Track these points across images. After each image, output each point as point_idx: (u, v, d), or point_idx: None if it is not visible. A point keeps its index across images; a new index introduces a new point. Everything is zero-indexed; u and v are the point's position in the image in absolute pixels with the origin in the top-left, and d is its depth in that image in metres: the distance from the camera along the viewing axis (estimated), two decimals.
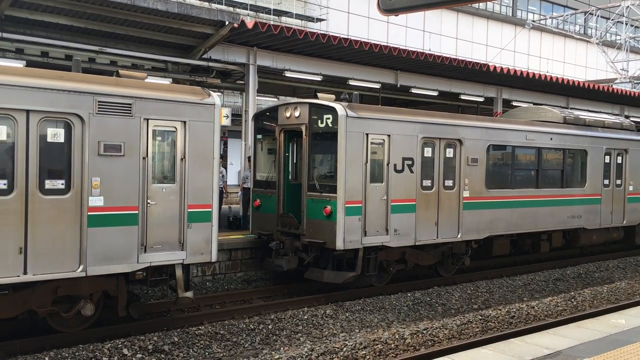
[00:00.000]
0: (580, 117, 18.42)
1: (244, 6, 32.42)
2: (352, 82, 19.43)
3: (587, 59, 55.00)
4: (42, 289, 8.93)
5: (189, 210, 9.93)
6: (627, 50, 37.35)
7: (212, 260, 10.41)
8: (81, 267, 8.88)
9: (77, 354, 8.77)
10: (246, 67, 17.01)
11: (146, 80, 10.12)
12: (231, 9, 30.77)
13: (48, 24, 13.49)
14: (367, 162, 12.47)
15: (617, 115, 25.77)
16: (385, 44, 18.38)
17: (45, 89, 8.55)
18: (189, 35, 15.09)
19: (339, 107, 12.26)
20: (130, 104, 9.29)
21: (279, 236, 13.06)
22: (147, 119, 9.50)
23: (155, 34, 14.74)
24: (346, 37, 18.24)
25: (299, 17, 34.65)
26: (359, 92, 14.73)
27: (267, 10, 33.47)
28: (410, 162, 13.20)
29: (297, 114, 12.98)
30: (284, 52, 17.45)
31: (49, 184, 8.63)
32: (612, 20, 37.85)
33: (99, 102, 8.97)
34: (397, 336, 9.85)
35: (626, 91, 25.88)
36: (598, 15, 38.75)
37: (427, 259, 14.19)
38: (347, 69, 18.93)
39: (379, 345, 9.39)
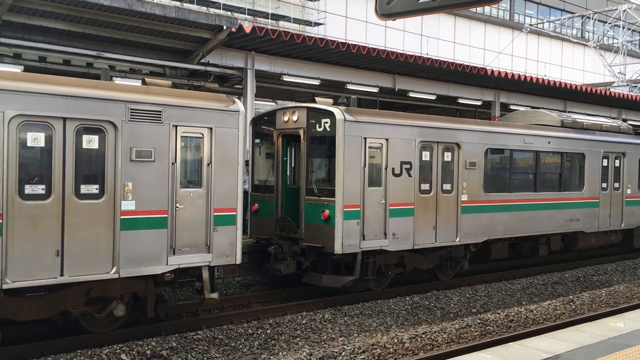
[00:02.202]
0: (578, 120, 18.45)
1: (241, 11, 32.40)
2: (350, 86, 19.45)
3: (584, 63, 55.07)
4: (76, 291, 9.18)
5: (215, 213, 10.23)
6: (624, 54, 37.45)
7: (237, 262, 10.70)
8: (114, 269, 9.16)
9: (75, 359, 8.75)
10: (244, 71, 17.02)
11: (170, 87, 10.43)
12: (229, 13, 30.77)
13: (46, 28, 13.50)
14: (365, 166, 12.47)
15: (614, 118, 25.83)
16: (383, 48, 18.41)
17: (82, 97, 8.85)
18: (187, 40, 15.10)
19: (336, 111, 12.27)
20: (160, 111, 9.59)
21: (277, 240, 13.04)
22: (176, 126, 9.79)
23: (153, 38, 14.75)
24: (344, 41, 18.26)
25: (296, 21, 34.66)
26: (356, 96, 14.78)
27: (265, 15, 33.47)
28: (408, 166, 13.20)
29: (295, 118, 12.99)
30: (281, 57, 17.47)
31: (84, 188, 8.92)
32: (609, 23, 37.97)
33: (131, 109, 9.27)
34: (395, 340, 9.84)
35: (623, 94, 25.95)
36: (595, 19, 38.85)
37: (426, 262, 14.18)
38: (344, 73, 18.96)
39: (377, 350, 9.37)
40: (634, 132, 20.79)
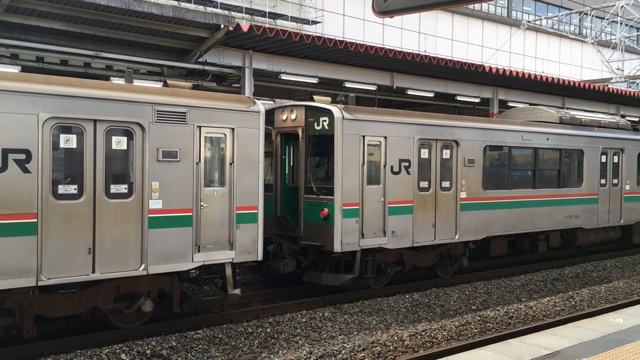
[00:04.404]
0: (576, 117, 18.45)
1: (239, 9, 32.38)
2: (348, 84, 19.43)
3: (582, 59, 55.06)
4: (106, 287, 9.43)
5: (237, 211, 10.57)
6: (622, 50, 37.43)
7: (259, 259, 11.02)
8: (143, 266, 9.45)
9: (75, 359, 8.75)
10: (242, 70, 16.99)
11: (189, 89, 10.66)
12: (226, 12, 30.74)
13: (43, 29, 13.47)
14: (363, 164, 12.47)
15: (612, 114, 25.83)
16: (381, 46, 18.38)
17: (111, 100, 9.13)
18: (185, 39, 15.07)
19: (335, 109, 12.26)
20: (185, 113, 9.89)
21: (277, 239, 13.04)
22: (200, 127, 10.10)
23: (151, 38, 14.71)
24: (342, 39, 18.23)
25: (294, 19, 34.63)
26: (355, 94, 14.77)
27: (263, 13, 33.45)
28: (407, 164, 13.20)
29: (293, 116, 12.98)
30: (279, 55, 17.44)
31: (113, 188, 9.23)
32: (606, 20, 37.96)
33: (157, 111, 9.57)
34: (395, 338, 9.85)
35: (622, 90, 25.91)
36: (593, 15, 38.83)
37: (425, 260, 14.18)
38: (343, 71, 18.93)
39: (377, 348, 9.38)
40: (632, 127, 20.80)
